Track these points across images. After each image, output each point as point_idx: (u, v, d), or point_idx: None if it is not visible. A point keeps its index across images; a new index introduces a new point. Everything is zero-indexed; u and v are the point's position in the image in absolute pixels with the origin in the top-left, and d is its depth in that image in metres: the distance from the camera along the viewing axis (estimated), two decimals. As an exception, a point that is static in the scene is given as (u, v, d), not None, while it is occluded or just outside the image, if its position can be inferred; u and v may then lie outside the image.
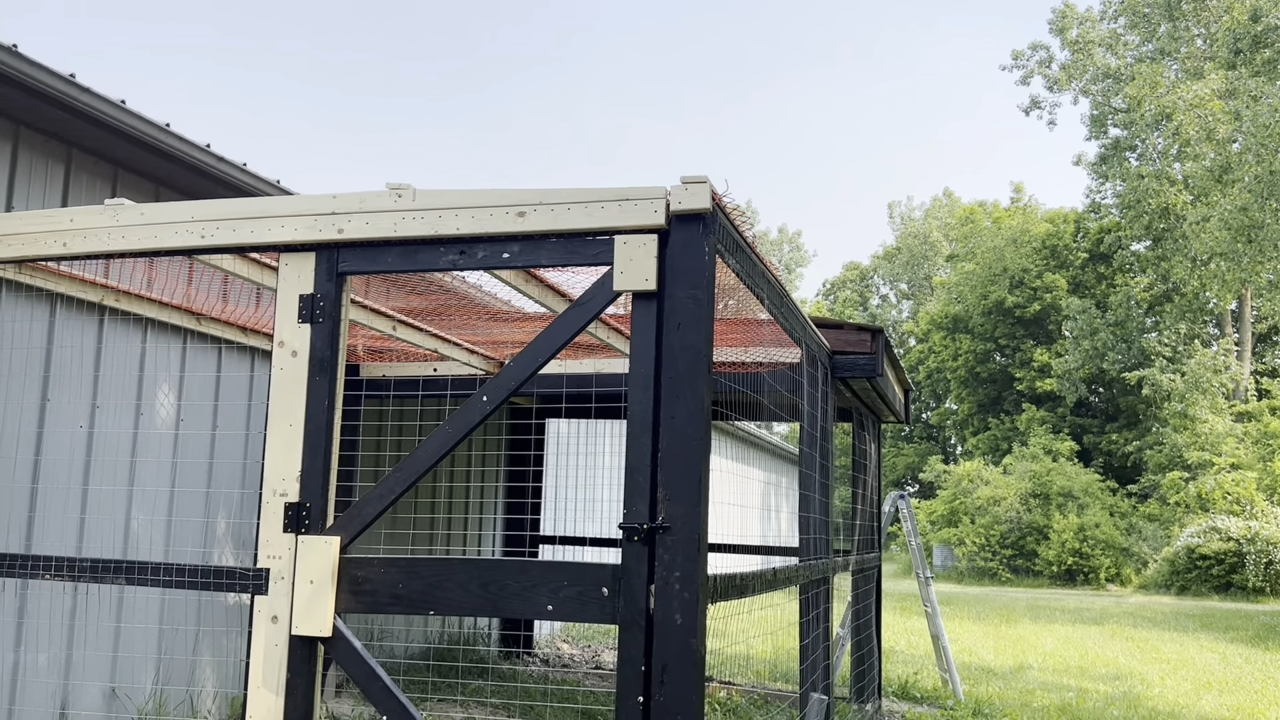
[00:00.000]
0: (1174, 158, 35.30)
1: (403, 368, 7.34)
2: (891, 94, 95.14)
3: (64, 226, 3.82)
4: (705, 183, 3.17)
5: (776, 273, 4.27)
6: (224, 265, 4.26)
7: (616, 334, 5.68)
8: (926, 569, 9.88)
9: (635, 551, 3.07)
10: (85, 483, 5.64)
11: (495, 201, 3.37)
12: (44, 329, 5.40)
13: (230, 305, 6.09)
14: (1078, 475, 32.47)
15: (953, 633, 14.61)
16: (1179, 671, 11.40)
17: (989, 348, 45.78)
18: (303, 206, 3.55)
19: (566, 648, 10.97)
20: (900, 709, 8.31)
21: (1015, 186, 53.06)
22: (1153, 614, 19.68)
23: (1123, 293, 39.13)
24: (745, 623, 9.96)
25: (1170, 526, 29.88)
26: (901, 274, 62.36)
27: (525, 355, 3.32)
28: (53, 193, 5.55)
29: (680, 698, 2.99)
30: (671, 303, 3.17)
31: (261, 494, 3.44)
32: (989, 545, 31.14)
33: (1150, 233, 37.04)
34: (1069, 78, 39.94)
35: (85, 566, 3.63)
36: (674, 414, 3.11)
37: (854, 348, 6.19)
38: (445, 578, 3.27)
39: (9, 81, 4.90)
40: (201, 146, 5.92)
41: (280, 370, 3.48)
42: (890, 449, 52.49)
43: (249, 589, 3.39)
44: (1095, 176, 41.80)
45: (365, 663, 3.29)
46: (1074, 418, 41.70)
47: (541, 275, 4.43)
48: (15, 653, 5.22)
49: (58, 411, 5.48)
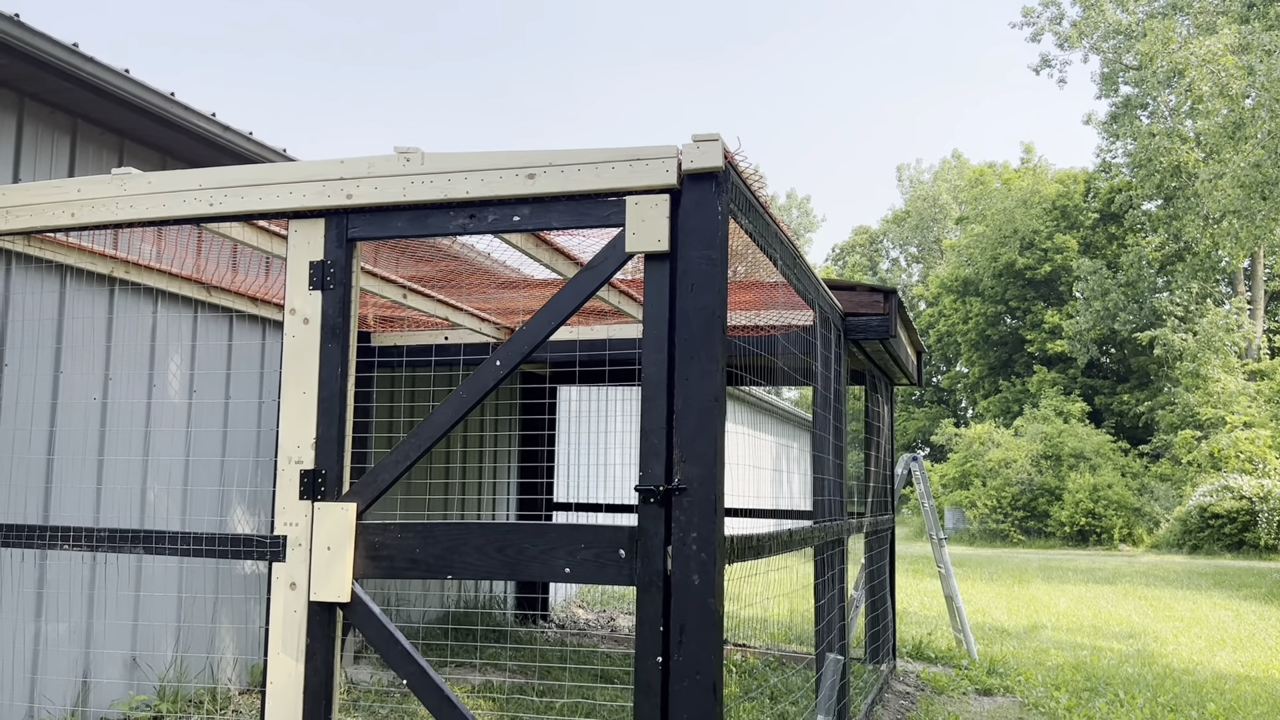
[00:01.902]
0: (1186, 115, 34.91)
1: (414, 336, 7.33)
2: (900, 55, 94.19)
3: (71, 197, 3.80)
4: (717, 141, 3.13)
5: (789, 233, 4.23)
6: (233, 234, 4.24)
7: (628, 299, 5.65)
8: (940, 530, 9.89)
9: (652, 513, 3.07)
10: (100, 453, 5.66)
11: (505, 164, 3.34)
12: (55, 301, 5.39)
13: (240, 275, 6.08)
14: (1089, 436, 32.45)
15: (966, 594, 14.65)
16: (1192, 629, 11.43)
17: (999, 310, 45.59)
18: (311, 172, 3.52)
19: (582, 613, 11.04)
20: (915, 669, 8.35)
21: (1025, 147, 52.64)
22: (1165, 573, 19.71)
23: (1134, 253, 38.88)
24: (760, 585, 10.01)
25: (1182, 486, 29.88)
26: (911, 237, 62.02)
27: (538, 319, 3.30)
28: (59, 164, 5.53)
29: (699, 657, 2.99)
30: (684, 263, 3.14)
31: (277, 462, 3.44)
32: (1000, 507, 31.19)
33: (1162, 191, 36.70)
34: (1080, 35, 39.39)
35: (103, 536, 3.64)
36: (688, 375, 3.09)
37: (867, 309, 6.15)
38: (462, 542, 3.28)
39: (12, 52, 4.86)
40: (207, 115, 5.88)
41: (292, 338, 3.46)
42: (901, 413, 52.46)
43: (266, 556, 3.40)
44: (1106, 136, 41.37)
45: (384, 627, 3.30)
46: (1085, 379, 41.60)
47: (551, 239, 4.39)
48: (36, 622, 5.26)
49: (71, 383, 5.49)
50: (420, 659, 3.28)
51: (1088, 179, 43.85)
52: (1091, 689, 7.66)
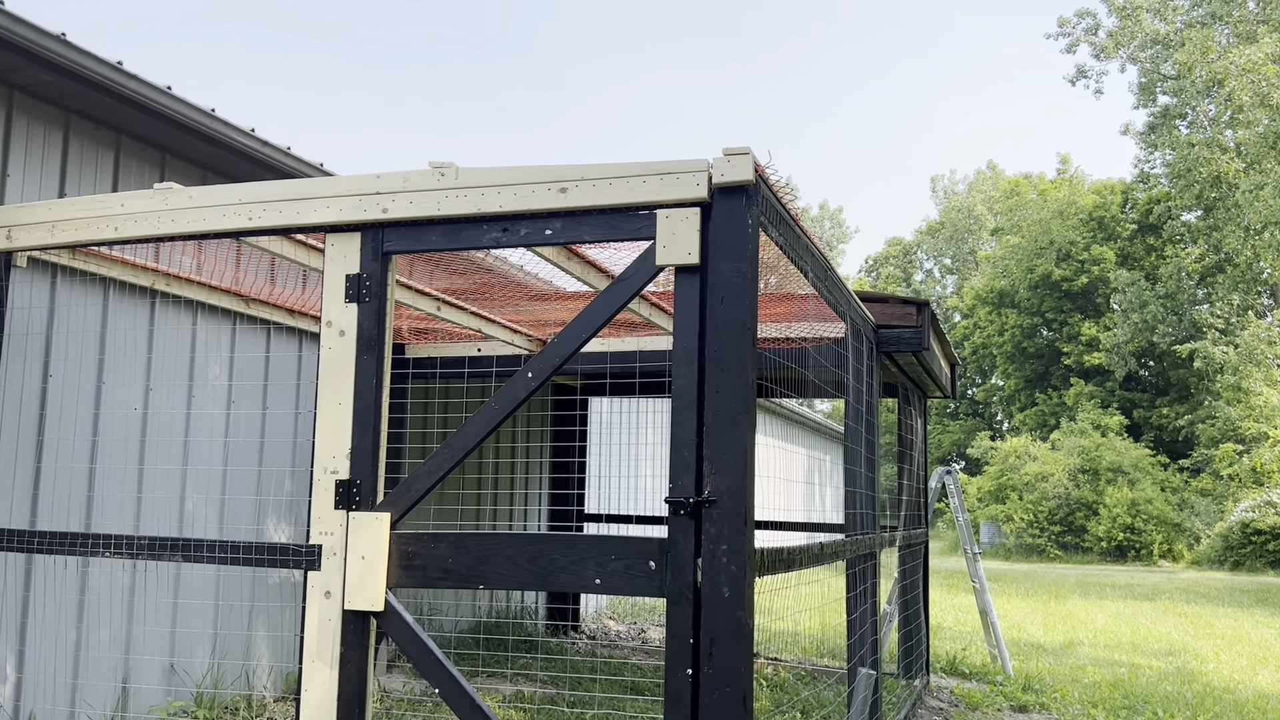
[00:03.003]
0: (1226, 125, 34.45)
1: (447, 348, 7.40)
2: (934, 65, 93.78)
3: (115, 211, 3.89)
4: (748, 154, 3.15)
5: (820, 245, 4.24)
6: (271, 247, 4.31)
7: (658, 311, 5.68)
8: (974, 544, 9.81)
9: (682, 525, 3.08)
10: (141, 462, 5.76)
11: (537, 178, 3.38)
12: (98, 313, 5.50)
13: (277, 288, 6.17)
14: (1128, 450, 32.00)
15: (1001, 609, 14.50)
16: (1234, 647, 11.23)
17: (1035, 322, 45.14)
18: (347, 187, 3.58)
19: (613, 624, 11.04)
20: (949, 684, 8.28)
21: (1061, 158, 52.21)
22: (1206, 590, 19.38)
23: (1173, 264, 38.36)
24: (791, 598, 9.96)
25: (1224, 501, 29.38)
26: (945, 249, 61.61)
27: (569, 331, 3.33)
28: (103, 179, 5.65)
29: (729, 670, 3.00)
30: (715, 276, 3.16)
31: (312, 472, 3.49)
32: (1037, 522, 30.83)
33: (1201, 202, 36.23)
34: (1116, 45, 39.05)
35: (143, 544, 3.71)
36: (719, 387, 3.10)
37: (899, 321, 6.13)
38: (494, 552, 3.30)
39: (59, 70, 4.98)
40: (246, 131, 5.98)
41: (329, 349, 3.52)
42: (935, 426, 52.04)
43: (302, 565, 3.44)
44: (1144, 146, 40.95)
45: (417, 637, 3.33)
46: (1123, 392, 41.06)
47: (583, 252, 4.43)
48: (78, 629, 5.35)
49: (113, 393, 5.59)
50: (452, 668, 3.31)
51: (1125, 190, 43.37)
52: (1129, 707, 7.55)
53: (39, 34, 4.78)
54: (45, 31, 4.81)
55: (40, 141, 5.28)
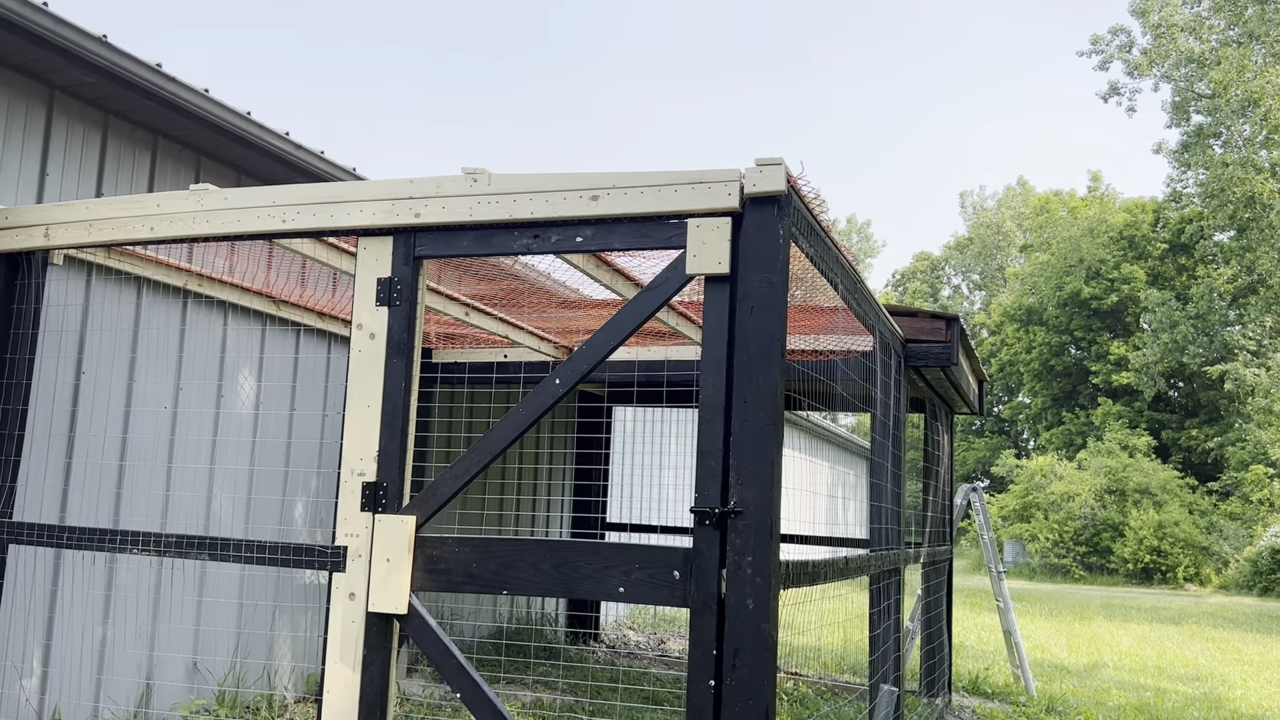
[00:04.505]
0: (1261, 144, 34.07)
1: (475, 353, 7.42)
2: (966, 80, 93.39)
3: (151, 211, 3.93)
4: (780, 164, 3.15)
5: (850, 257, 4.22)
6: (303, 250, 4.35)
7: (686, 320, 5.67)
8: (999, 563, 9.71)
9: (707, 535, 3.07)
10: (169, 461, 5.81)
11: (569, 185, 3.38)
12: (131, 312, 5.56)
13: (308, 290, 6.22)
14: (1155, 471, 31.64)
15: (1025, 629, 14.35)
16: (1262, 673, 11.06)
17: (1064, 340, 44.74)
18: (380, 191, 3.60)
19: (633, 634, 11.01)
20: (971, 704, 8.19)
21: (1092, 175, 51.86)
22: (1234, 614, 19.10)
23: (1205, 284, 37.91)
24: (814, 613, 9.91)
25: (1253, 525, 28.97)
26: (974, 265, 61.22)
27: (598, 338, 3.33)
28: (139, 180, 5.72)
29: (752, 682, 2.98)
30: (745, 286, 3.15)
31: (339, 473, 3.50)
32: (1062, 542, 30.51)
33: (1235, 222, 35.80)
34: (1150, 63, 38.70)
35: (170, 542, 3.74)
36: (746, 398, 3.09)
37: (928, 336, 6.10)
38: (518, 557, 3.31)
39: (99, 71, 5.05)
40: (280, 134, 6.04)
41: (358, 352, 3.54)
42: (960, 443, 51.66)
43: (327, 566, 3.46)
44: (1177, 165, 40.50)
45: (440, 640, 3.33)
46: (1152, 412, 40.61)
47: (612, 260, 4.43)
48: (104, 625, 5.40)
49: (144, 391, 5.65)
50: (474, 673, 3.31)
51: (1157, 208, 42.95)
52: (1154, 731, 7.44)
53: (81, 35, 4.85)
54: (87, 33, 4.88)
55: (79, 142, 5.35)
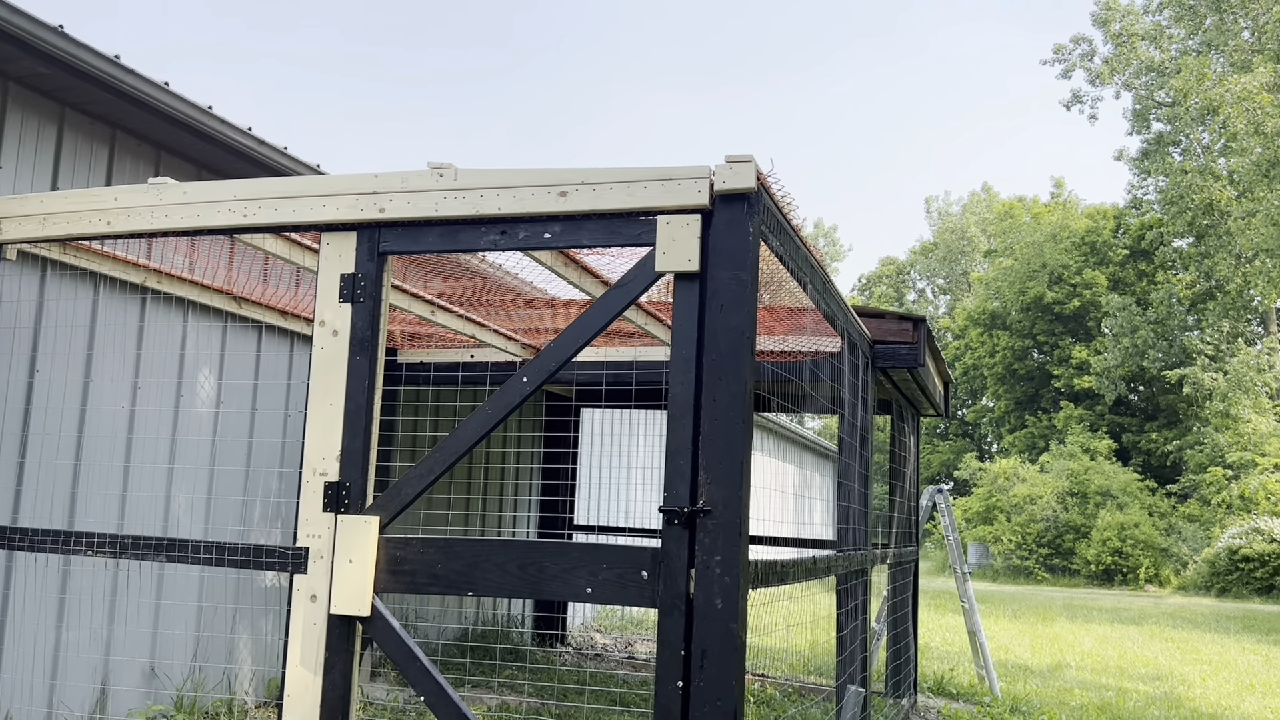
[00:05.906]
0: (1219, 153, 34.66)
1: (440, 353, 7.34)
2: (930, 88, 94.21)
3: (108, 205, 3.84)
4: (750, 162, 3.12)
5: (820, 257, 4.21)
6: (265, 246, 4.27)
7: (655, 320, 5.64)
8: (964, 564, 9.77)
9: (675, 535, 3.03)
10: (126, 460, 5.69)
11: (537, 181, 3.34)
12: (87, 309, 5.44)
13: (270, 288, 6.12)
14: (1116, 474, 32.05)
15: (989, 631, 14.45)
16: (1220, 673, 11.20)
17: (1027, 344, 45.24)
18: (344, 186, 3.54)
19: (600, 637, 10.96)
20: (936, 704, 8.22)
21: (1055, 182, 52.43)
22: (1193, 615, 19.36)
23: (1164, 290, 38.52)
24: (781, 614, 9.91)
25: (1211, 527, 29.41)
26: (939, 269, 61.77)
27: (565, 337, 3.29)
28: (97, 174, 5.60)
29: (720, 683, 2.95)
30: (714, 284, 3.13)
31: (301, 473, 3.43)
32: (1025, 544, 30.82)
33: (1193, 229, 36.40)
34: (1111, 71, 39.27)
35: (126, 543, 3.65)
36: (716, 396, 3.07)
37: (895, 337, 6.11)
38: (484, 558, 3.26)
39: (55, 62, 4.94)
40: (243, 129, 5.94)
41: (321, 350, 3.47)
42: (925, 445, 52.07)
43: (288, 568, 3.39)
44: (1137, 172, 41.13)
45: (404, 643, 3.28)
46: (1113, 416, 41.14)
47: (580, 259, 4.39)
48: (57, 629, 5.27)
49: (100, 390, 5.53)
50: (439, 676, 3.25)
51: (1118, 215, 43.57)
52: (1117, 730, 7.51)
53: (36, 25, 4.74)
54: (43, 23, 4.77)
55: (34, 134, 5.23)
